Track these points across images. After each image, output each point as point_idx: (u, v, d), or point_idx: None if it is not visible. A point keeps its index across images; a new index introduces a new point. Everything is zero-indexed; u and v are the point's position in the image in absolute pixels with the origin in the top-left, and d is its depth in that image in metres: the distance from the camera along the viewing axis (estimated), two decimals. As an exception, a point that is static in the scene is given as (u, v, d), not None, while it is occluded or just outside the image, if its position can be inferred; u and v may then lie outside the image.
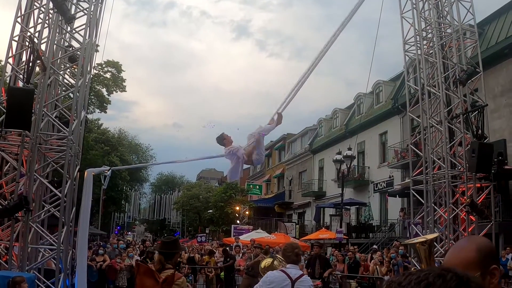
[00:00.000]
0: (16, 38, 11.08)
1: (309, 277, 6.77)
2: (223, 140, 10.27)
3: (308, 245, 28.62)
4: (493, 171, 14.11)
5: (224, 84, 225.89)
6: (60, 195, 10.77)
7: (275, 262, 6.98)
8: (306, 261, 17.87)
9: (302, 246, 16.58)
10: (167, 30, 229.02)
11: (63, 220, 10.76)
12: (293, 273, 6.12)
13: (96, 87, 37.94)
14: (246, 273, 17.35)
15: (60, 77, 11.74)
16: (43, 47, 11.17)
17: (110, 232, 56.71)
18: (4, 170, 11.19)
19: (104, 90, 39.97)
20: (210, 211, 57.00)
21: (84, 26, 11.63)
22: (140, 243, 33.96)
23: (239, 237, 27.95)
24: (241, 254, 21.68)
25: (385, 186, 34.35)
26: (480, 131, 13.64)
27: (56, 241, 10.61)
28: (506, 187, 22.30)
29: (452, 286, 1.34)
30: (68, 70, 12.41)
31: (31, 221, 10.51)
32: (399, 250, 18.60)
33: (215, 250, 22.60)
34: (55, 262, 10.82)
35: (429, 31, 15.45)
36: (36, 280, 10.24)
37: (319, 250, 18.23)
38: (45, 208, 11.20)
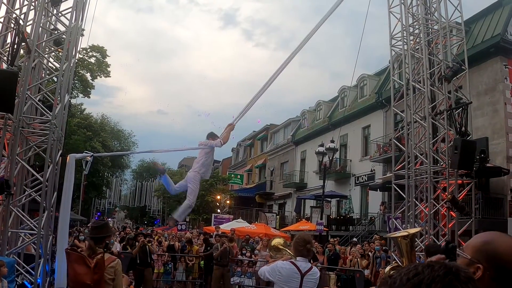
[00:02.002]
0: (1, 20, 10.94)
1: (317, 269, 6.73)
2: (214, 136, 10.39)
3: (288, 236, 28.69)
4: (475, 168, 14.22)
5: (209, 72, 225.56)
6: (41, 179, 10.67)
7: (285, 252, 6.90)
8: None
9: (284, 237, 16.80)
10: (154, 16, 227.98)
11: (44, 205, 10.67)
12: (303, 267, 6.13)
13: (80, 71, 37.60)
14: (216, 264, 17.35)
15: (45, 61, 11.62)
16: (28, 29, 11.03)
17: (91, 218, 56.41)
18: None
19: (88, 75, 39.66)
20: (191, 199, 56.81)
21: (70, 10, 11.49)
22: (120, 229, 33.88)
23: (220, 226, 27.93)
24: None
25: (366, 179, 34.53)
26: (463, 128, 13.73)
27: (37, 226, 10.52)
28: (487, 184, 22.52)
29: (440, 275, 1.39)
30: (53, 53, 12.28)
31: (11, 205, 10.40)
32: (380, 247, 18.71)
33: (193, 240, 22.54)
34: (35, 247, 10.73)
35: (416, 27, 15.48)
36: (15, 265, 10.17)
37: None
38: (26, 193, 11.09)
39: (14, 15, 10.75)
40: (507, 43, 23.86)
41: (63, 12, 11.73)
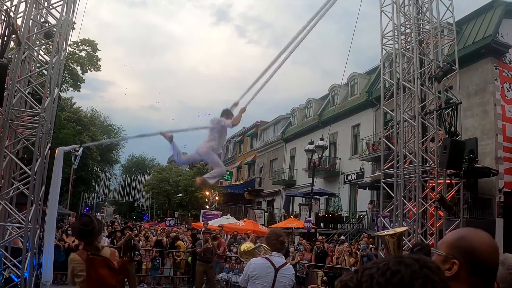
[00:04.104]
0: (-8, 12, 10.87)
1: (291, 266, 6.71)
2: (229, 114, 10.28)
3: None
4: (463, 168, 14.28)
5: (201, 68, 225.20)
6: (30, 172, 10.62)
7: (259, 250, 6.86)
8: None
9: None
10: (147, 11, 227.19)
11: (32, 198, 10.62)
12: (277, 261, 6.08)
13: (71, 65, 37.45)
14: (199, 260, 17.33)
15: (35, 53, 11.56)
16: (19, 21, 10.94)
17: (79, 212, 56.26)
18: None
19: (78, 69, 39.50)
20: (180, 195, 56.80)
21: (61, 2, 11.42)
22: (109, 224, 33.77)
23: (208, 222, 27.92)
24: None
25: (355, 178, 34.60)
26: (452, 128, 13.78)
27: (24, 219, 10.48)
28: (476, 185, 22.61)
29: (416, 270, 1.35)
30: (43, 46, 12.21)
31: (-1, 198, 10.37)
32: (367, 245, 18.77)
33: (179, 237, 22.53)
34: (22, 240, 10.68)
35: (408, 26, 15.52)
36: (2, 258, 10.13)
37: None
38: (14, 186, 11.03)
39: (5, 7, 10.66)
40: (498, 44, 23.95)
41: (54, 5, 11.66)
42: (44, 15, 11.87)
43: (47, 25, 11.69)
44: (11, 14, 10.53)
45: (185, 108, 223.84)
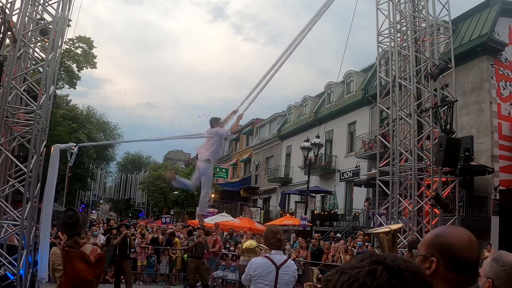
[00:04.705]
0: (-13, 8, 10.83)
1: (293, 262, 6.69)
2: (218, 122, 10.25)
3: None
4: (459, 166, 14.29)
5: (198, 66, 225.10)
6: (25, 170, 10.59)
7: (259, 249, 6.84)
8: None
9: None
10: (143, 8, 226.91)
11: (28, 195, 10.60)
12: (277, 259, 6.05)
13: (67, 62, 37.36)
14: (191, 256, 17.31)
15: (31, 50, 11.53)
16: (14, 18, 10.92)
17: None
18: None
19: (74, 66, 39.41)
20: (176, 192, 56.74)
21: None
22: (104, 221, 33.76)
23: (203, 219, 27.88)
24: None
25: (351, 175, 34.65)
26: (448, 126, 13.79)
27: (20, 217, 10.46)
28: (471, 182, 22.67)
29: (383, 282, 1.29)
30: (39, 43, 12.18)
31: (-5, 195, 10.34)
32: (363, 243, 18.82)
33: (176, 234, 22.51)
34: (18, 238, 10.67)
35: (404, 24, 15.52)
36: (-2, 256, 10.11)
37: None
38: (10, 183, 11.01)
39: (1, 4, 10.62)
40: (494, 42, 24.03)
41: (50, 2, 11.63)
42: (40, 12, 11.84)
43: (42, 22, 11.66)
44: (7, 11, 10.50)
45: (182, 105, 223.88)
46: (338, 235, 24.22)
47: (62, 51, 13.55)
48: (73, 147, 15.43)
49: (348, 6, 17.02)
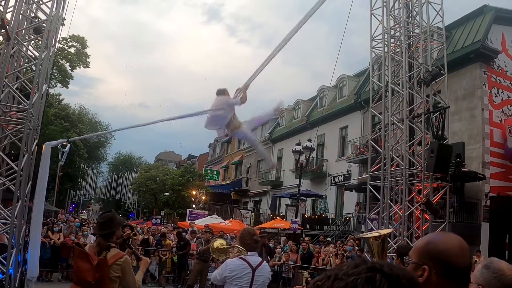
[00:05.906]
0: (-19, 6, 10.79)
1: (267, 264, 6.65)
2: (225, 93, 9.36)
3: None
4: (450, 172, 14.34)
5: (191, 67, 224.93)
6: (16, 168, 10.56)
7: (235, 250, 6.77)
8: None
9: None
10: (138, 8, 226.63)
11: (18, 194, 10.56)
12: (253, 261, 6.01)
13: (60, 61, 37.31)
14: (198, 258, 17.30)
15: (24, 48, 11.49)
16: (8, 16, 10.89)
17: (65, 209, 56.08)
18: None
19: (67, 65, 39.34)
20: (167, 193, 56.76)
21: (52, -2, 11.39)
22: (95, 221, 33.62)
23: (194, 221, 27.87)
24: (195, 239, 21.66)
25: (342, 179, 34.67)
26: (440, 132, 13.85)
27: (10, 215, 10.42)
28: (462, 189, 22.70)
29: None
30: (32, 41, 12.14)
31: (-15, 193, 10.30)
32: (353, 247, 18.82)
33: (167, 234, 22.47)
34: (7, 236, 10.62)
35: (397, 29, 15.57)
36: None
37: (265, 240, 18.21)
38: (0, 181, 10.96)
39: (-6, 1, 10.61)
40: (487, 49, 24.12)
41: (44, 0, 11.60)
42: (34, 10, 11.80)
43: (36, 20, 11.62)
44: (1, 8, 10.47)
45: (175, 106, 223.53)
46: (328, 239, 24.23)
47: (55, 50, 13.51)
48: (64, 144, 15.41)
49: (343, 10, 17.08)
